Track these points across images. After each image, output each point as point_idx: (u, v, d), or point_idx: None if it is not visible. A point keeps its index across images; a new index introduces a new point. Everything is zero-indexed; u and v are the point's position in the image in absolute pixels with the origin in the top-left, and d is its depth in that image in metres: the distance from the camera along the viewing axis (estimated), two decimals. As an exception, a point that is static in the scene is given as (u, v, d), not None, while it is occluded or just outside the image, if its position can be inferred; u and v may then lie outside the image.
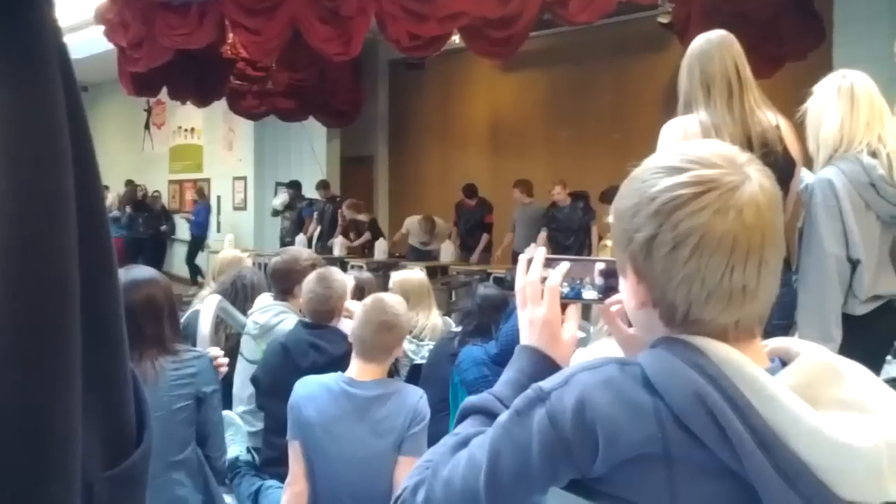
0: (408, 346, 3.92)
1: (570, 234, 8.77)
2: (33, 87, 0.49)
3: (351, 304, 3.40)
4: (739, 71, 2.53)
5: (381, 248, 10.28)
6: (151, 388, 2.47)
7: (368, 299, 2.79)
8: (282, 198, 12.31)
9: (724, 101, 2.50)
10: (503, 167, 10.79)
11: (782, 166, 2.44)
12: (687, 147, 0.99)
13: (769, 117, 2.53)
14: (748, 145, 2.37)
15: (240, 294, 4.05)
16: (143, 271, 2.71)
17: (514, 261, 8.93)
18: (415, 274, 4.50)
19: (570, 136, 10.89)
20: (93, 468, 0.52)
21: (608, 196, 8.20)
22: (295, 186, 12.25)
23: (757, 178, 0.94)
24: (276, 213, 12.32)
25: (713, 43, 2.56)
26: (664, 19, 8.38)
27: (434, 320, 4.27)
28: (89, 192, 0.53)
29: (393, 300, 2.80)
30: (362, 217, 11.00)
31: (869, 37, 6.15)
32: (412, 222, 10.43)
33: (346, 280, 3.51)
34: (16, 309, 0.46)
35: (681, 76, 2.62)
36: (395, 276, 4.45)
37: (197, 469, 2.65)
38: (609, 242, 7.36)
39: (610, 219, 1.04)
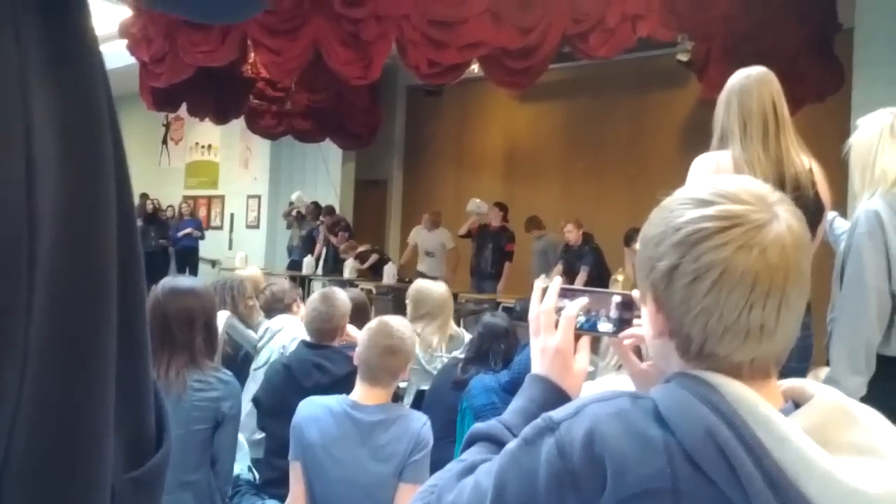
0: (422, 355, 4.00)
1: (573, 276, 8.50)
2: (81, 93, 0.50)
3: (351, 329, 3.40)
4: (777, 109, 2.49)
5: (389, 273, 10.25)
6: (174, 404, 2.49)
7: (373, 322, 2.77)
8: (297, 193, 12.43)
9: (760, 138, 2.45)
10: (517, 196, 10.82)
11: (812, 210, 2.39)
12: (718, 181, 0.99)
13: (803, 160, 2.49)
14: (780, 186, 2.27)
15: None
16: (185, 280, 2.84)
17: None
18: (435, 286, 4.52)
19: (585, 169, 10.90)
20: (116, 469, 0.53)
21: (630, 240, 8.15)
22: (315, 206, 12.30)
23: (785, 217, 0.94)
24: (290, 205, 12.48)
25: (752, 79, 2.51)
26: (683, 57, 8.42)
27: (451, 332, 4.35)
28: (124, 198, 0.54)
29: (398, 323, 2.77)
30: (362, 249, 11.01)
31: (889, 81, 6.15)
32: (418, 229, 10.48)
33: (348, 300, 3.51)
34: (59, 307, 0.46)
35: (717, 110, 2.58)
36: (415, 285, 4.51)
37: (206, 492, 2.66)
38: (620, 277, 7.36)
39: (637, 246, 1.03)
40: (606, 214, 8.70)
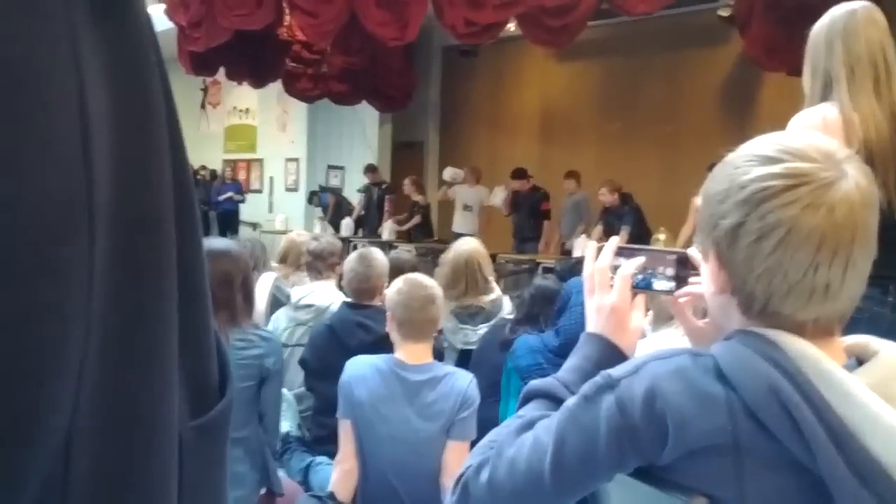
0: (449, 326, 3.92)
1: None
2: (130, 45, 0.50)
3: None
4: (887, 54, 2.17)
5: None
6: None
7: (399, 283, 2.82)
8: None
9: (871, 87, 2.14)
10: (552, 157, 10.74)
11: None
12: (785, 137, 0.97)
13: None
14: None
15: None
16: (219, 242, 2.89)
17: (562, 252, 8.66)
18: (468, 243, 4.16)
19: (620, 128, 10.77)
20: (182, 417, 0.53)
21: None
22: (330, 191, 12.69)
23: (854, 175, 0.92)
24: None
25: (858, 19, 2.19)
26: (724, 12, 8.23)
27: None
28: (177, 145, 0.55)
29: (423, 276, 2.88)
30: (419, 199, 10.99)
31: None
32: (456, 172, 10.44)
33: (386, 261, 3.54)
34: (120, 256, 0.47)
35: (815, 54, 2.25)
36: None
37: (256, 448, 2.72)
38: (662, 236, 7.30)
39: (698, 201, 1.02)
40: (641, 175, 8.58)
